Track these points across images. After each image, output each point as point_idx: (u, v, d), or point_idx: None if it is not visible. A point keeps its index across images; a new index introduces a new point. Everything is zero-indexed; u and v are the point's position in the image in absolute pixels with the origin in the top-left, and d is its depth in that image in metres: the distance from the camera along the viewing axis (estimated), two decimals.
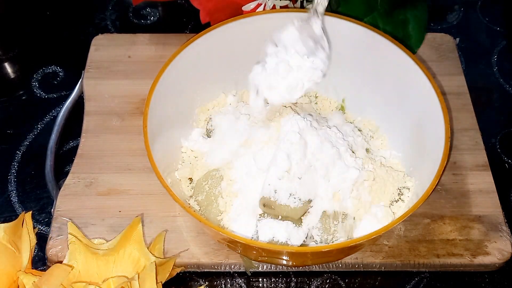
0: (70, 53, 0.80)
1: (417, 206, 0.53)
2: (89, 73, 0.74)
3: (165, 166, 0.59)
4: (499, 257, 0.60)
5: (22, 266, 0.56)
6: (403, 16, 0.72)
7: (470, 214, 0.63)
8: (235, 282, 0.61)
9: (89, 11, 0.86)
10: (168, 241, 0.60)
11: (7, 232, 0.58)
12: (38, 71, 0.78)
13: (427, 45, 0.76)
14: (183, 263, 0.60)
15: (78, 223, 0.60)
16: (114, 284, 0.54)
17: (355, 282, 0.61)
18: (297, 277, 0.61)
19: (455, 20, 0.85)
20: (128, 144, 0.67)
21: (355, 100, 0.69)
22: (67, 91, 0.75)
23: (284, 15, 0.65)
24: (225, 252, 0.60)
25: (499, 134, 0.73)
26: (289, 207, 0.58)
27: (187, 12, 0.85)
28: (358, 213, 0.60)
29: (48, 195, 0.66)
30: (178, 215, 0.62)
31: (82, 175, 0.65)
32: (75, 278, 0.55)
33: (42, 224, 0.65)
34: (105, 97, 0.72)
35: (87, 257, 0.56)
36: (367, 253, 0.60)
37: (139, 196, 0.64)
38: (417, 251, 0.60)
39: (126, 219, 0.61)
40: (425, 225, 0.62)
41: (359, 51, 0.65)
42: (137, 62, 0.75)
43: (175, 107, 0.63)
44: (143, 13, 0.85)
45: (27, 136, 0.72)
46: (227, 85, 0.69)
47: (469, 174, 0.66)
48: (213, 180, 0.61)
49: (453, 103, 0.71)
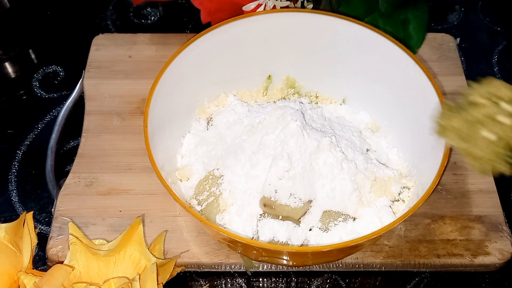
0: (70, 53, 0.80)
1: (418, 206, 0.53)
2: (89, 72, 0.74)
3: (165, 166, 0.59)
4: (499, 257, 0.60)
5: (23, 266, 0.56)
6: (403, 16, 0.72)
7: (470, 214, 0.63)
8: (235, 282, 0.61)
9: (90, 11, 0.86)
10: (168, 241, 0.60)
11: (8, 232, 0.58)
12: (38, 70, 0.78)
13: (428, 45, 0.76)
14: (184, 263, 0.60)
15: (78, 222, 0.60)
16: (115, 285, 0.54)
17: (356, 282, 0.61)
18: (297, 277, 0.61)
19: (456, 20, 0.85)
20: (129, 144, 0.67)
21: (356, 100, 0.69)
22: (68, 91, 0.75)
23: (285, 15, 0.65)
24: (226, 252, 0.60)
25: None
26: (289, 207, 0.58)
27: (188, 12, 0.84)
28: (358, 213, 0.60)
29: (49, 194, 0.66)
30: (178, 215, 0.62)
31: (83, 174, 0.65)
32: (76, 279, 0.56)
33: (42, 224, 0.65)
34: (106, 97, 0.72)
35: (88, 257, 0.56)
36: (367, 253, 0.60)
37: (139, 196, 0.64)
38: (418, 251, 0.60)
39: (127, 219, 0.61)
40: (426, 225, 0.62)
41: (359, 51, 0.65)
42: (138, 62, 0.75)
43: (175, 107, 0.63)
44: (143, 13, 0.85)
45: (27, 135, 0.72)
46: (227, 85, 0.69)
47: (469, 174, 0.66)
48: (214, 180, 0.61)
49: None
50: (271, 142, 0.59)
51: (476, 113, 0.43)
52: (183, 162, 0.64)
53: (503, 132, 0.41)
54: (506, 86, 0.43)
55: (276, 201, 0.57)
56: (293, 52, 0.68)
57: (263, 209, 0.58)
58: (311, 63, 0.68)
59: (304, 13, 0.65)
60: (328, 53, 0.67)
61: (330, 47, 0.66)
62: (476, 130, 0.42)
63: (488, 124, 0.42)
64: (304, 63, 0.68)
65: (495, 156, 0.42)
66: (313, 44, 0.66)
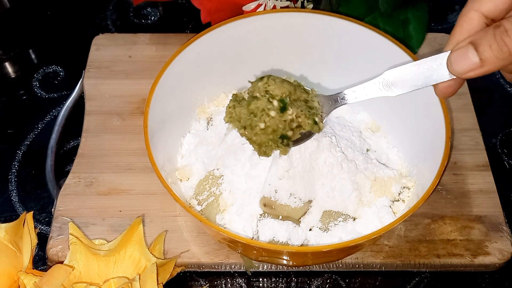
0: (70, 53, 0.80)
1: (418, 206, 0.53)
2: (89, 72, 0.74)
3: (165, 166, 0.59)
4: (499, 257, 0.60)
5: (23, 266, 0.57)
6: (403, 16, 0.72)
7: (470, 214, 0.63)
8: (235, 282, 0.61)
9: (90, 11, 0.86)
10: (168, 240, 0.60)
11: (8, 232, 0.58)
12: (38, 70, 0.78)
13: (428, 45, 0.76)
14: (184, 263, 0.60)
15: (78, 222, 0.60)
16: (115, 285, 0.55)
17: (356, 282, 0.61)
18: (297, 277, 0.61)
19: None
20: (129, 144, 0.67)
21: None
22: (68, 91, 0.75)
23: (285, 15, 0.65)
24: (226, 252, 0.60)
25: (499, 134, 0.73)
26: (289, 207, 0.58)
27: (188, 12, 0.84)
28: (358, 213, 0.60)
29: (49, 194, 0.66)
30: (178, 215, 0.62)
31: (83, 174, 0.65)
32: (76, 279, 0.56)
33: (42, 224, 0.65)
34: (106, 97, 0.72)
35: (88, 257, 0.56)
36: (367, 253, 0.60)
37: (139, 196, 0.64)
38: (418, 251, 0.60)
39: (127, 219, 0.61)
40: (426, 225, 0.62)
41: (359, 51, 0.65)
42: (138, 62, 0.75)
43: (175, 107, 0.63)
44: (143, 12, 0.85)
45: (27, 135, 0.72)
46: (227, 85, 0.69)
47: (469, 174, 0.66)
48: (214, 180, 0.61)
49: (454, 103, 0.71)
50: None
51: (253, 105, 0.51)
52: (183, 162, 0.64)
53: (270, 122, 0.50)
54: (275, 82, 0.51)
55: (276, 201, 0.57)
56: (293, 52, 0.67)
57: (263, 209, 0.58)
58: (311, 63, 0.68)
59: (304, 13, 0.65)
60: (328, 53, 0.67)
61: (330, 47, 0.66)
62: (253, 120, 0.50)
63: (261, 115, 0.50)
64: (304, 63, 0.68)
65: (269, 141, 0.51)
66: (313, 44, 0.66)
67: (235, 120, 0.52)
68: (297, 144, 0.53)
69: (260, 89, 0.51)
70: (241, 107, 0.52)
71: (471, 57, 0.42)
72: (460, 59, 0.42)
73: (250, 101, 0.51)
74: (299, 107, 0.51)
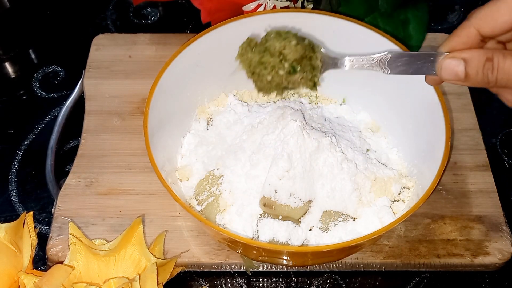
0: (70, 53, 0.80)
1: (418, 206, 0.53)
2: (89, 72, 0.74)
3: (165, 166, 0.59)
4: (499, 257, 0.60)
5: (23, 266, 0.57)
6: (403, 16, 0.72)
7: (470, 214, 0.63)
8: (235, 282, 0.61)
9: (90, 11, 0.86)
10: (168, 240, 0.60)
11: (8, 232, 0.58)
12: (38, 70, 0.78)
13: (428, 45, 0.76)
14: (184, 263, 0.60)
15: (78, 222, 0.60)
16: (115, 285, 0.55)
17: (356, 282, 0.61)
18: (297, 277, 0.61)
19: (456, 20, 0.85)
20: (129, 144, 0.67)
21: (356, 100, 0.69)
22: (68, 91, 0.75)
23: (285, 15, 0.65)
24: (226, 252, 0.60)
25: (499, 134, 0.73)
26: (289, 207, 0.58)
27: (188, 12, 0.84)
28: (358, 213, 0.60)
29: (49, 194, 0.66)
30: (178, 215, 0.62)
31: (83, 174, 0.65)
32: (76, 279, 0.56)
33: (42, 224, 0.65)
34: (106, 97, 0.72)
35: (88, 257, 0.56)
36: (367, 253, 0.60)
37: (139, 196, 0.64)
38: (418, 251, 0.60)
39: (127, 219, 0.61)
40: (426, 225, 0.62)
41: (359, 51, 0.64)
42: (138, 62, 0.75)
43: (175, 107, 0.63)
44: (143, 12, 0.85)
45: (27, 135, 0.72)
46: (227, 85, 0.69)
47: (469, 174, 0.66)
48: (214, 180, 0.61)
49: (454, 103, 0.71)
50: (271, 142, 0.59)
51: (266, 58, 0.53)
52: (183, 162, 0.64)
53: (277, 78, 0.53)
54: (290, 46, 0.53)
55: (276, 201, 0.57)
56: None
57: (263, 209, 0.58)
58: None
59: (304, 13, 0.65)
60: (328, 53, 0.66)
61: (330, 47, 0.66)
62: (262, 70, 0.53)
63: (271, 70, 0.53)
64: None
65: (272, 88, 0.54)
66: None
67: (245, 63, 0.54)
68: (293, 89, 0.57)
69: (276, 48, 0.53)
70: (254, 54, 0.54)
71: (458, 72, 0.47)
72: (449, 69, 0.48)
73: (263, 52, 0.53)
74: (305, 66, 0.53)
